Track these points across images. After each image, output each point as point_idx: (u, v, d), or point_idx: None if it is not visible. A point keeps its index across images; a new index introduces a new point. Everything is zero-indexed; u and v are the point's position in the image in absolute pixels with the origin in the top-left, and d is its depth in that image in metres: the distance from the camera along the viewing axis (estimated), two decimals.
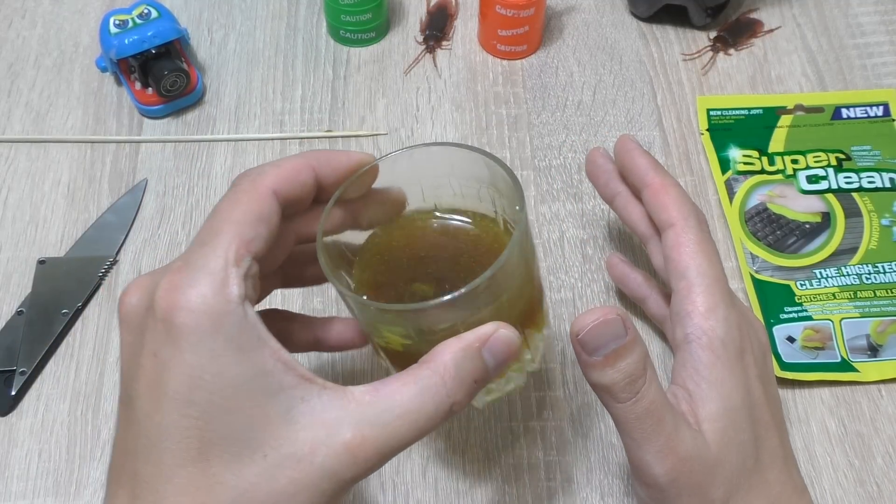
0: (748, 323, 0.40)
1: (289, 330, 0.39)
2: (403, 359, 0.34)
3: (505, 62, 0.60)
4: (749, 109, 0.57)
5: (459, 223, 0.40)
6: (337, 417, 0.30)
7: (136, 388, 0.30)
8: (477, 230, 0.39)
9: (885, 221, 0.51)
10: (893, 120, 0.56)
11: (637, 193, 0.43)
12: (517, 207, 0.35)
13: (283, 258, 0.35)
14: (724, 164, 0.54)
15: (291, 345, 0.38)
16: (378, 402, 0.30)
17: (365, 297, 0.35)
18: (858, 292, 0.49)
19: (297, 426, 0.29)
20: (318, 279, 0.39)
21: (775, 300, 0.49)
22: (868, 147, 0.55)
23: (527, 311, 0.37)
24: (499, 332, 0.32)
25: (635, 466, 0.36)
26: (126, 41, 0.54)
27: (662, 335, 0.48)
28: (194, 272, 0.30)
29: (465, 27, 0.62)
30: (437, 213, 0.40)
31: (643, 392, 0.34)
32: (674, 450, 0.35)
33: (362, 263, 0.38)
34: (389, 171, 0.37)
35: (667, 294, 0.45)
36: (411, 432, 0.30)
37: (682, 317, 0.38)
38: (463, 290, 0.31)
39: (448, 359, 0.31)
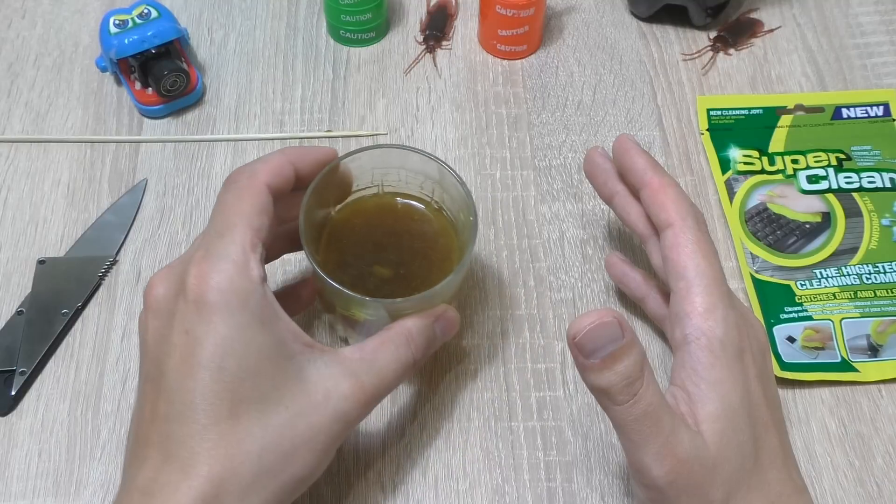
0: (747, 323, 0.40)
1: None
2: (361, 325, 0.44)
3: (505, 62, 0.60)
4: (749, 109, 0.57)
5: (408, 206, 0.46)
6: (338, 372, 0.37)
7: (168, 362, 0.34)
8: (422, 214, 0.46)
9: (885, 221, 0.51)
10: (894, 120, 0.56)
11: (635, 193, 0.43)
12: (471, 217, 0.41)
13: (270, 240, 0.39)
14: (725, 164, 0.54)
15: None
16: (366, 358, 0.38)
17: (335, 283, 0.40)
18: (859, 292, 0.49)
19: (309, 382, 0.36)
20: (280, 253, 0.45)
21: (775, 300, 0.49)
22: (868, 147, 0.55)
23: (459, 292, 0.45)
24: (447, 313, 0.42)
25: (634, 468, 0.36)
26: (126, 41, 0.54)
27: (662, 335, 0.48)
28: (219, 259, 0.35)
29: (465, 27, 0.62)
30: (385, 192, 0.46)
31: (641, 394, 0.34)
32: (672, 451, 0.35)
33: (326, 242, 0.44)
34: (349, 161, 0.43)
35: (666, 293, 0.45)
36: (394, 379, 0.39)
37: (680, 317, 0.38)
38: (427, 292, 0.39)
39: (412, 327, 0.40)
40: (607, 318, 0.34)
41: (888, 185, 0.53)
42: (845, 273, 0.49)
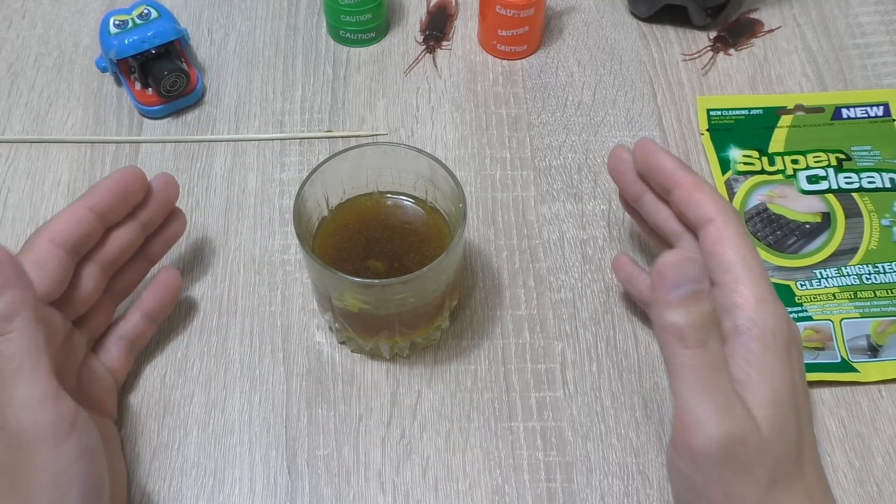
0: (789, 317, 0.40)
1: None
2: (357, 318, 0.44)
3: (505, 62, 0.60)
4: (749, 109, 0.57)
5: (401, 204, 0.47)
6: None
7: None
8: (415, 211, 0.47)
9: (885, 221, 0.51)
10: (893, 120, 0.56)
11: (663, 194, 0.43)
12: (460, 205, 0.42)
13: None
14: (725, 165, 0.54)
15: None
16: None
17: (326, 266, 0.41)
18: (858, 292, 0.49)
19: None
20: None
21: None
22: (868, 147, 0.55)
23: (455, 283, 0.46)
24: None
25: (688, 427, 0.35)
26: (126, 41, 0.54)
27: None
28: None
29: (465, 27, 0.62)
30: (379, 193, 0.47)
31: (711, 344, 0.35)
32: (732, 412, 0.34)
33: (321, 241, 0.46)
34: (345, 161, 0.44)
35: None
36: None
37: (730, 309, 0.38)
38: (416, 273, 0.40)
39: None
40: (693, 257, 0.34)
41: (888, 185, 0.53)
42: (845, 273, 0.49)
